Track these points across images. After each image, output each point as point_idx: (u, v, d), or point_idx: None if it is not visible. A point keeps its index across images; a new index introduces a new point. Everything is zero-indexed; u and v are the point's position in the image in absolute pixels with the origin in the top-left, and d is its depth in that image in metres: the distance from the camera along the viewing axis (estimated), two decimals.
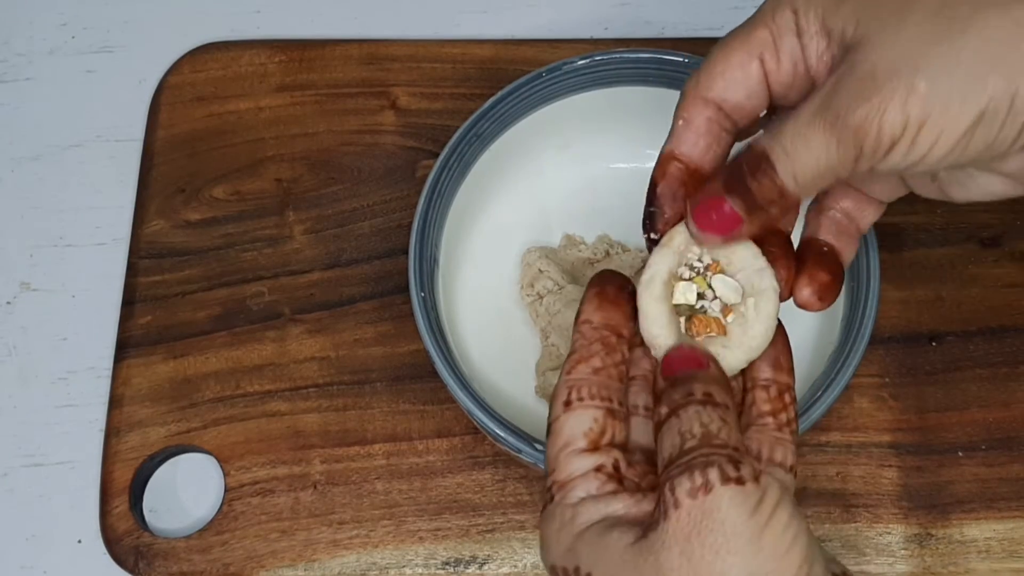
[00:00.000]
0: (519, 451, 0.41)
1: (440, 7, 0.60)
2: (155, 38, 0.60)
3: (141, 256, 0.54)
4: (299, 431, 0.50)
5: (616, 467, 0.30)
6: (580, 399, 0.31)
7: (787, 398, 0.33)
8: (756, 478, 0.27)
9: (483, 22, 0.60)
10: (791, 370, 0.33)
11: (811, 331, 0.48)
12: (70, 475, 0.51)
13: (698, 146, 0.33)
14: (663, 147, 0.33)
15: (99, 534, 0.48)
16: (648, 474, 0.31)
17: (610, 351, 0.32)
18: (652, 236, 0.33)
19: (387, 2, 0.61)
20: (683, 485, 0.27)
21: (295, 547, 0.47)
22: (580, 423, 0.30)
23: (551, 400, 0.31)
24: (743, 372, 0.33)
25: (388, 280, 0.53)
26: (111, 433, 0.50)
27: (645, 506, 0.29)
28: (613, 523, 0.28)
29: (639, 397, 0.32)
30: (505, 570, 0.47)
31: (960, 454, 0.48)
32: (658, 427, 0.29)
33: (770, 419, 0.32)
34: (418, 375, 0.50)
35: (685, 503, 0.26)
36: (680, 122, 0.33)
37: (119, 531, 0.48)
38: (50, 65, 0.60)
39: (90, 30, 0.61)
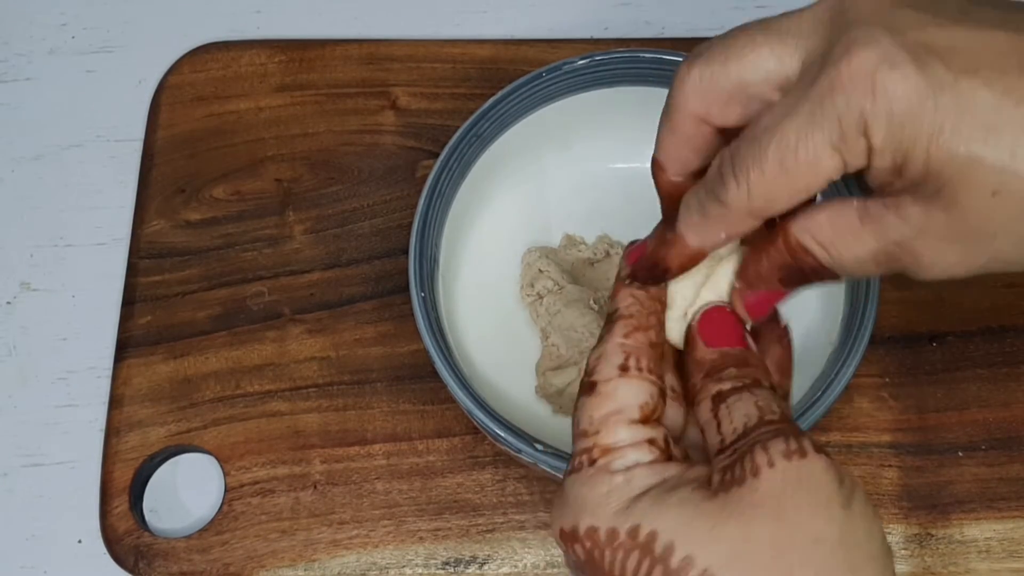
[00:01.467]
0: (519, 451, 0.41)
1: (440, 7, 0.60)
2: (155, 38, 0.60)
3: (141, 256, 0.54)
4: (299, 431, 0.50)
5: (667, 441, 0.30)
6: (639, 369, 0.30)
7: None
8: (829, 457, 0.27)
9: (483, 22, 0.60)
10: (791, 375, 0.34)
11: (811, 331, 0.48)
12: (70, 475, 0.51)
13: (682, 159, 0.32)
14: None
15: (99, 534, 0.49)
16: (686, 455, 0.31)
17: (661, 329, 0.31)
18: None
19: (387, 2, 0.61)
20: (778, 447, 0.27)
21: (295, 547, 0.47)
22: (637, 394, 0.30)
23: (598, 357, 0.31)
24: None
25: (388, 280, 0.53)
26: (111, 433, 0.50)
27: (701, 471, 0.28)
28: (677, 483, 0.28)
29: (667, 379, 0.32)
30: (505, 570, 0.47)
31: (960, 454, 0.48)
32: (710, 404, 0.30)
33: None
34: (418, 375, 0.50)
35: (780, 464, 0.26)
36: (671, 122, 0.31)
37: (119, 531, 0.48)
38: (50, 65, 0.60)
39: (90, 30, 0.61)
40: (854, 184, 0.29)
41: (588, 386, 0.30)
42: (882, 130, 0.25)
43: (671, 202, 0.32)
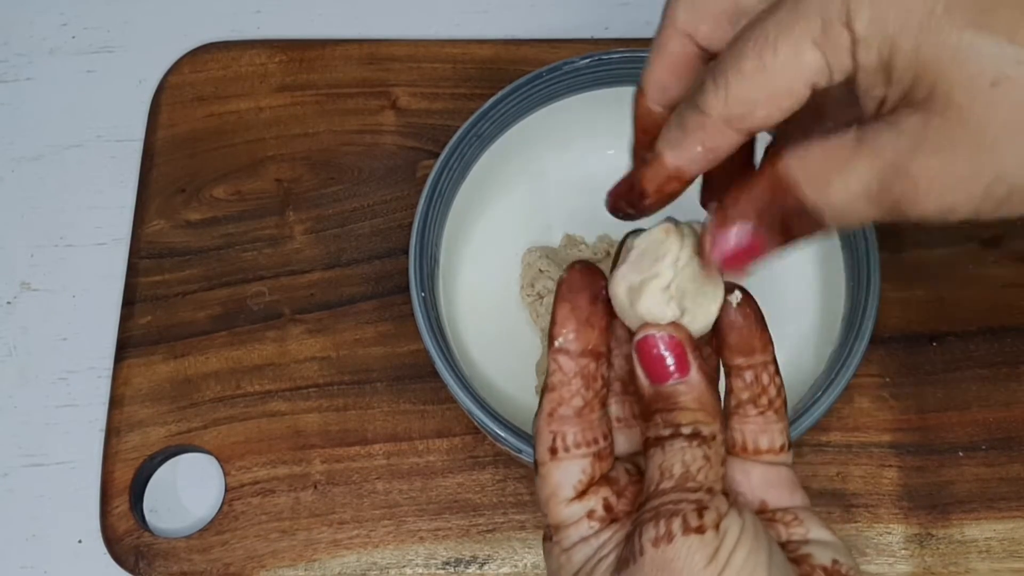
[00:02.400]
0: (519, 451, 0.41)
1: (440, 7, 0.60)
2: (155, 38, 0.60)
3: (141, 256, 0.54)
4: (299, 431, 0.50)
5: (607, 506, 0.30)
6: (566, 449, 0.30)
7: (765, 378, 0.31)
8: (716, 524, 0.27)
9: (483, 22, 0.60)
10: (765, 346, 0.31)
11: (811, 331, 0.48)
12: (70, 475, 0.51)
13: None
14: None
15: (99, 534, 0.49)
16: (639, 491, 0.31)
17: (590, 382, 0.30)
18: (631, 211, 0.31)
19: (387, 2, 0.61)
20: (648, 533, 0.27)
21: (295, 547, 0.47)
22: (567, 475, 0.30)
23: (534, 437, 0.31)
24: (719, 355, 0.32)
25: (388, 280, 0.53)
26: (111, 433, 0.50)
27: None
28: (598, 561, 0.29)
29: (623, 408, 0.32)
30: (505, 570, 0.47)
31: (960, 454, 0.48)
32: (645, 446, 0.29)
33: (750, 407, 0.31)
34: (418, 375, 0.50)
35: (648, 551, 0.27)
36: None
37: (119, 531, 0.48)
38: (50, 65, 0.60)
39: (90, 30, 0.61)
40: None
41: (535, 464, 0.31)
42: (865, 16, 0.23)
43: (643, 135, 0.31)
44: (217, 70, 0.58)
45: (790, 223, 0.27)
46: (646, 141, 0.30)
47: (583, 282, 0.31)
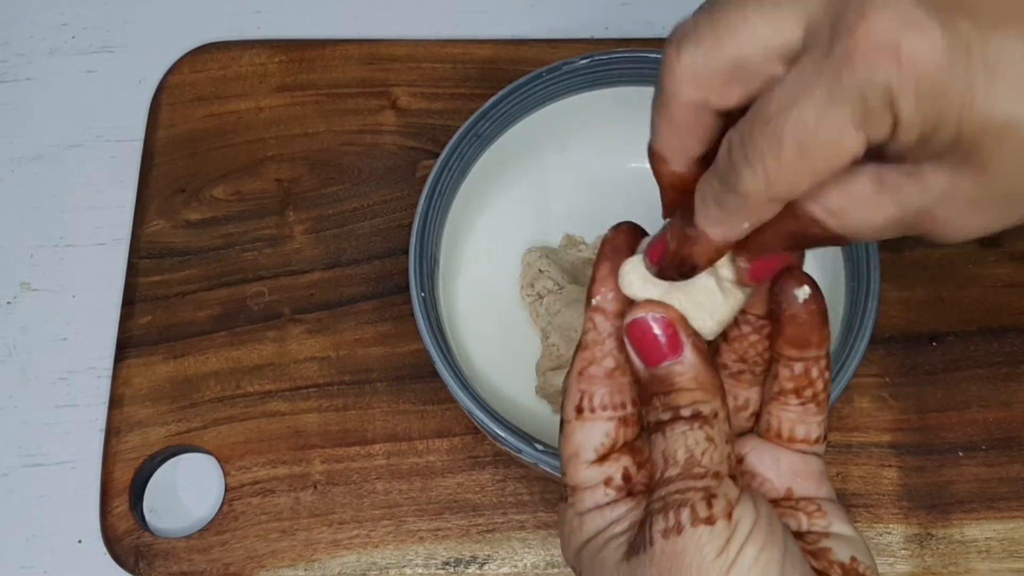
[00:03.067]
0: (519, 451, 0.41)
1: (440, 7, 0.60)
2: (155, 38, 0.60)
3: (141, 256, 0.54)
4: (299, 431, 0.50)
5: (626, 476, 0.30)
6: (592, 409, 0.30)
7: (815, 372, 0.31)
8: (728, 514, 0.27)
9: (483, 22, 0.60)
10: (822, 342, 0.30)
11: None
12: (70, 475, 0.51)
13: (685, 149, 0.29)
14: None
15: (99, 534, 0.49)
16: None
17: (624, 344, 0.30)
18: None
19: (387, 2, 0.61)
20: (658, 525, 0.27)
21: (295, 547, 0.47)
22: (591, 436, 0.30)
23: (564, 394, 0.31)
24: (770, 339, 0.31)
25: (388, 280, 0.53)
26: (111, 433, 0.50)
27: (639, 518, 0.29)
28: (609, 537, 0.29)
29: None
30: (505, 570, 0.47)
31: (960, 454, 0.48)
32: (648, 432, 0.29)
33: (792, 397, 0.31)
34: (418, 375, 0.50)
35: (658, 543, 0.27)
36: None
37: (119, 531, 0.48)
38: (50, 65, 0.60)
39: (90, 30, 0.61)
40: None
41: (560, 424, 0.31)
42: (911, 102, 0.23)
43: (674, 193, 0.30)
44: (217, 70, 0.58)
45: (814, 243, 0.27)
46: (677, 199, 0.30)
47: (626, 242, 0.31)
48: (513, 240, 0.51)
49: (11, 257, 0.55)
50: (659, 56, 0.47)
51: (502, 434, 0.41)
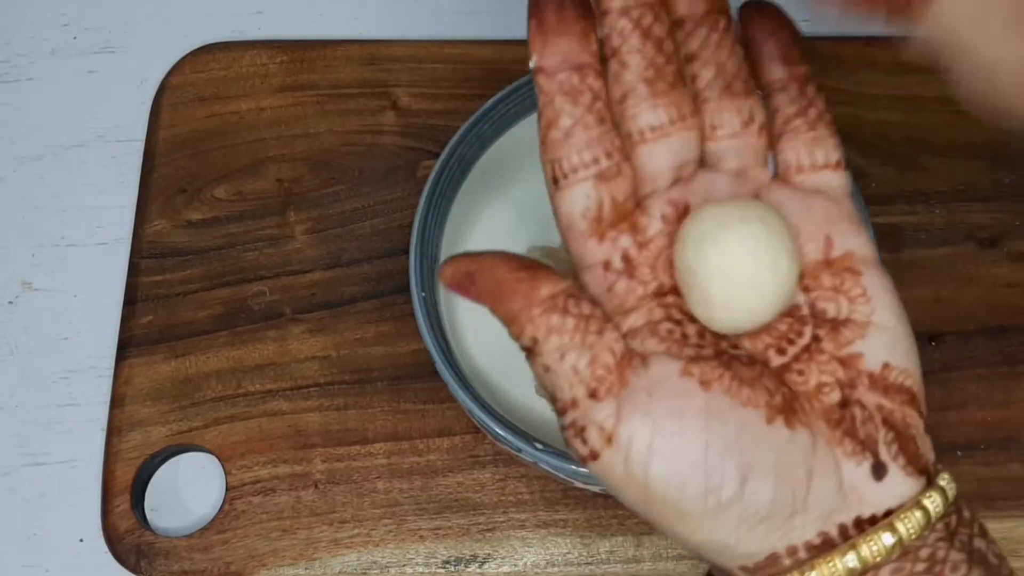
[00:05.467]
0: (519, 450, 0.41)
1: (440, 7, 0.61)
2: (156, 38, 0.60)
3: (143, 256, 0.54)
4: (300, 430, 0.50)
5: (626, 257, 0.28)
6: (564, 175, 0.28)
7: (810, 90, 0.30)
8: (609, 439, 0.26)
9: (484, 23, 0.60)
10: (803, 55, 0.30)
11: None
12: (72, 474, 0.51)
13: None
14: None
15: (101, 533, 0.49)
16: (664, 251, 0.29)
17: (576, 96, 0.28)
18: None
19: (388, 2, 0.61)
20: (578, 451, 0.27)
21: (296, 546, 0.48)
22: (573, 203, 0.28)
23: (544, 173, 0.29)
24: (758, 82, 0.30)
25: (389, 280, 0.53)
26: (112, 432, 0.50)
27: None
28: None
29: (640, 116, 0.29)
30: (505, 569, 0.47)
31: (959, 454, 0.48)
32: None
33: (799, 121, 0.30)
34: (419, 374, 0.50)
35: (588, 465, 0.27)
36: None
37: (121, 530, 0.48)
38: (52, 65, 0.60)
39: (92, 30, 0.61)
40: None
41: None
42: None
43: None
44: (218, 70, 0.58)
45: None
46: None
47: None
48: (513, 240, 0.51)
49: (13, 257, 0.56)
50: None
51: (502, 433, 0.41)
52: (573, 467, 0.41)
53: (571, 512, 0.48)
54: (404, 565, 0.47)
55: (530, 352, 0.28)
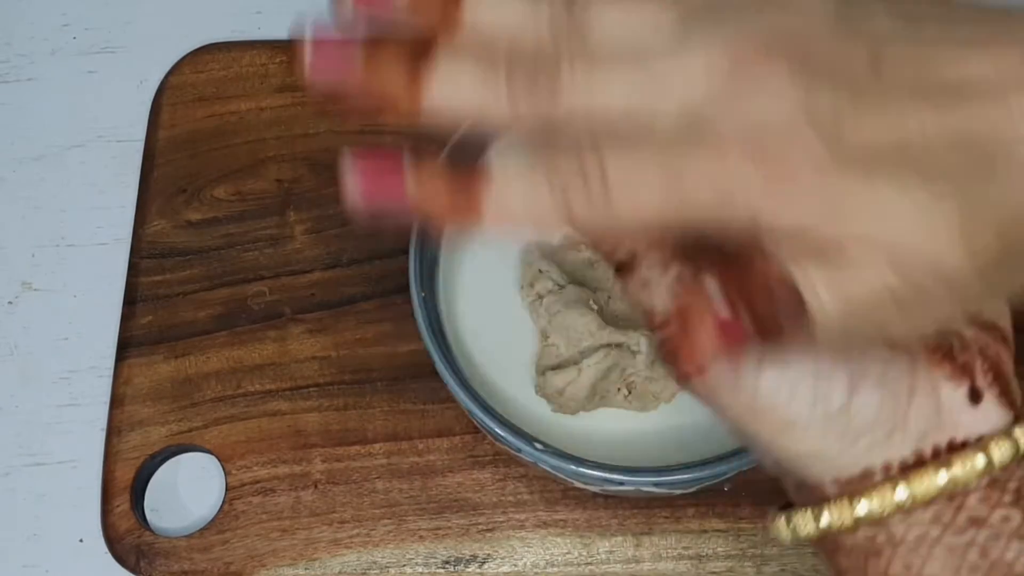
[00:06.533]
0: (519, 450, 0.41)
1: None
2: (156, 39, 0.60)
3: (142, 256, 0.54)
4: (300, 430, 0.50)
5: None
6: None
7: None
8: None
9: None
10: None
11: None
12: (72, 474, 0.51)
13: None
14: None
15: (100, 533, 0.49)
16: None
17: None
18: None
19: None
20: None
21: (296, 546, 0.48)
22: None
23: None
24: None
25: (388, 280, 0.53)
26: (112, 432, 0.50)
27: None
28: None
29: None
30: (505, 569, 0.47)
31: None
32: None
33: None
34: (418, 375, 0.50)
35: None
36: None
37: (120, 530, 0.48)
38: (52, 65, 0.60)
39: (92, 31, 0.61)
40: None
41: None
42: None
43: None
44: (218, 70, 0.58)
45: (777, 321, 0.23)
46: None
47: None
48: (513, 240, 0.51)
49: (12, 257, 0.56)
50: None
51: (502, 433, 0.41)
52: (573, 467, 0.41)
53: (571, 512, 0.48)
54: (404, 565, 0.47)
55: (626, 268, 0.26)
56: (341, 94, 0.23)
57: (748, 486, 0.47)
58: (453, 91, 0.23)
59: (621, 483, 0.41)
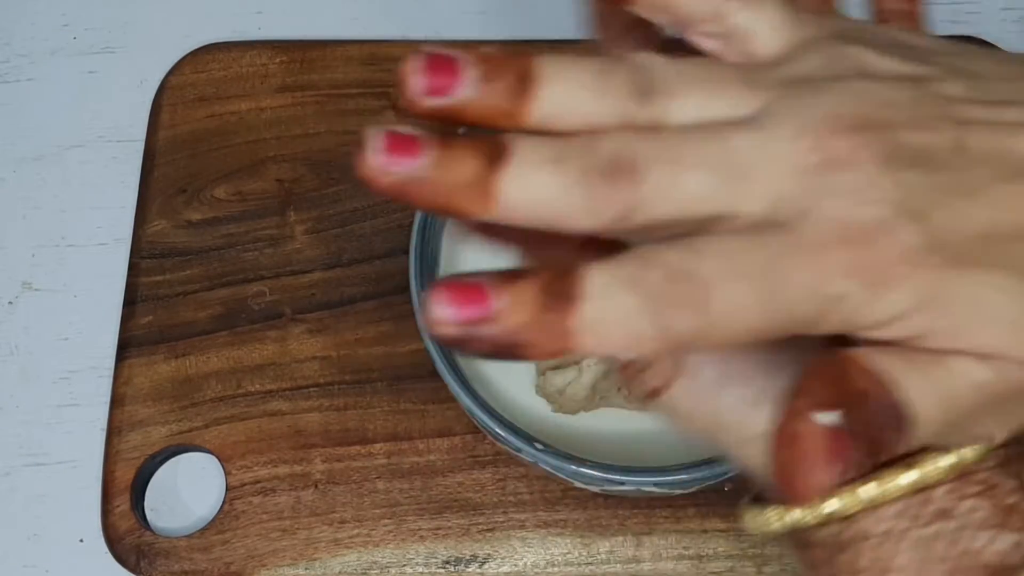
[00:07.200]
0: (519, 450, 0.41)
1: (441, 7, 0.61)
2: (156, 39, 0.60)
3: (143, 256, 0.54)
4: (300, 430, 0.50)
5: None
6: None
7: None
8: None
9: (483, 22, 0.60)
10: None
11: None
12: (72, 474, 0.51)
13: None
14: None
15: (101, 533, 0.49)
16: None
17: None
18: None
19: (388, 2, 0.61)
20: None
21: (296, 546, 0.48)
22: None
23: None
24: None
25: (389, 280, 0.53)
26: (113, 432, 0.50)
27: None
28: None
29: None
30: (505, 569, 0.47)
31: None
32: None
33: None
34: (419, 375, 0.50)
35: None
36: None
37: (121, 530, 0.48)
38: (52, 66, 0.60)
39: (92, 31, 0.61)
40: None
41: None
42: None
43: None
44: (218, 71, 0.58)
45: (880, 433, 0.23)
46: None
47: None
48: None
49: (13, 257, 0.56)
50: None
51: (502, 433, 0.41)
52: (573, 467, 0.41)
53: (571, 512, 0.48)
54: (404, 565, 0.47)
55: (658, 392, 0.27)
56: (407, 194, 0.22)
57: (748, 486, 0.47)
58: (527, 198, 0.22)
59: (621, 483, 0.41)
